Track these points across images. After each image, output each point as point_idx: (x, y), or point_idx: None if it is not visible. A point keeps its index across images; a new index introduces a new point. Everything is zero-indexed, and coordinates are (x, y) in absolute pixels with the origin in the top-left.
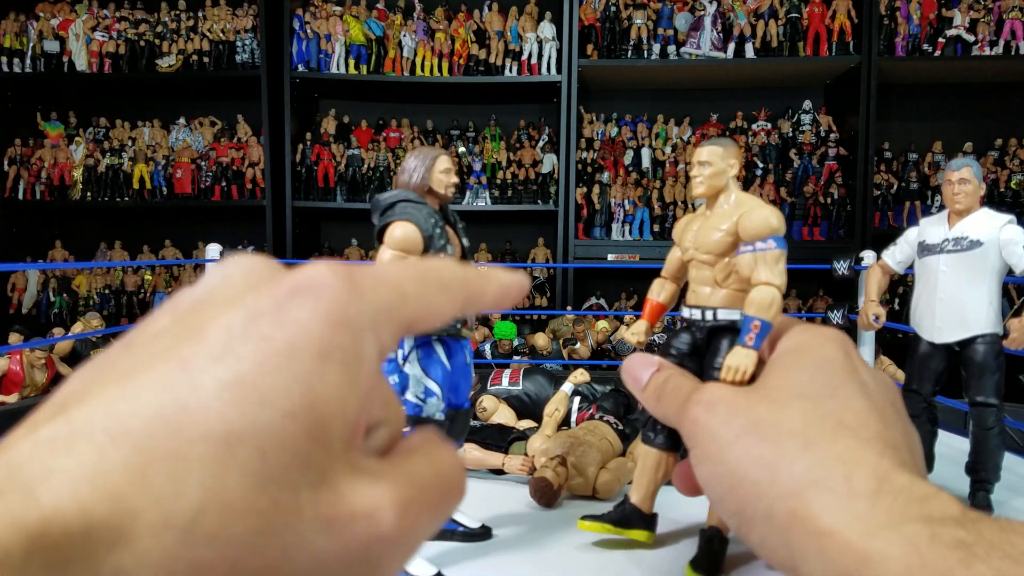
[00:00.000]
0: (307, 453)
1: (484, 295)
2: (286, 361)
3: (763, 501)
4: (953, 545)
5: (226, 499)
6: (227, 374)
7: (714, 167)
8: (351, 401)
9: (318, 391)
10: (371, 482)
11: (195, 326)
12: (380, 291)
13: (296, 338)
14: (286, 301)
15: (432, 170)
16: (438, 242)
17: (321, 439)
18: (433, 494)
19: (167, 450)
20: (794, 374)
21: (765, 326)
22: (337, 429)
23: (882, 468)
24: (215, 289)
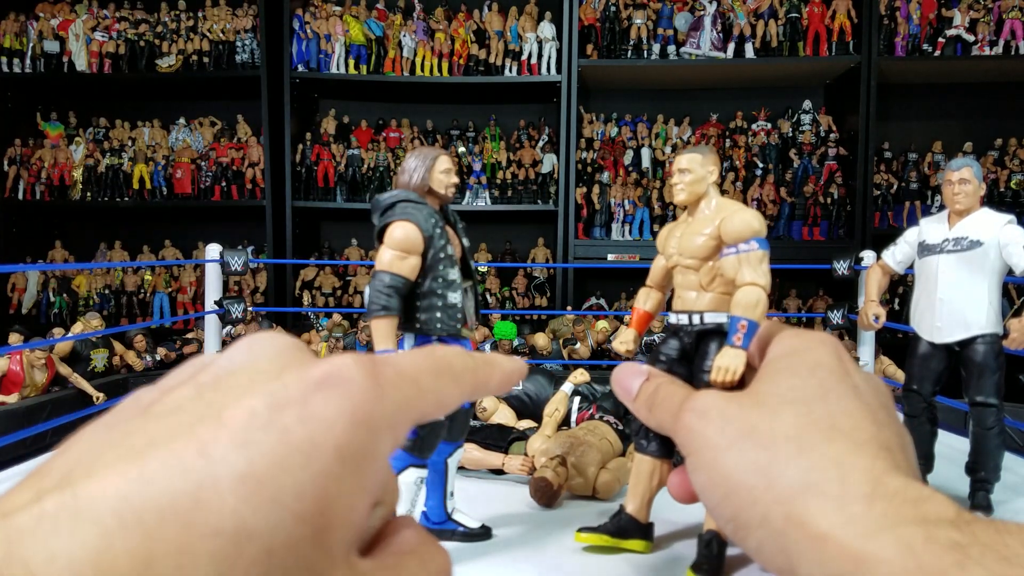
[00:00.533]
0: (311, 557)
1: (489, 382)
2: (305, 460)
3: (759, 506)
4: (948, 547)
5: None
6: (244, 466)
7: (694, 174)
8: (360, 505)
9: (331, 495)
10: None
11: (217, 405)
12: (401, 387)
13: (318, 436)
14: (312, 394)
15: (432, 170)
16: (438, 242)
17: (326, 544)
18: None
19: (176, 542)
20: (786, 379)
21: (752, 326)
22: (342, 534)
23: (876, 471)
24: (241, 366)
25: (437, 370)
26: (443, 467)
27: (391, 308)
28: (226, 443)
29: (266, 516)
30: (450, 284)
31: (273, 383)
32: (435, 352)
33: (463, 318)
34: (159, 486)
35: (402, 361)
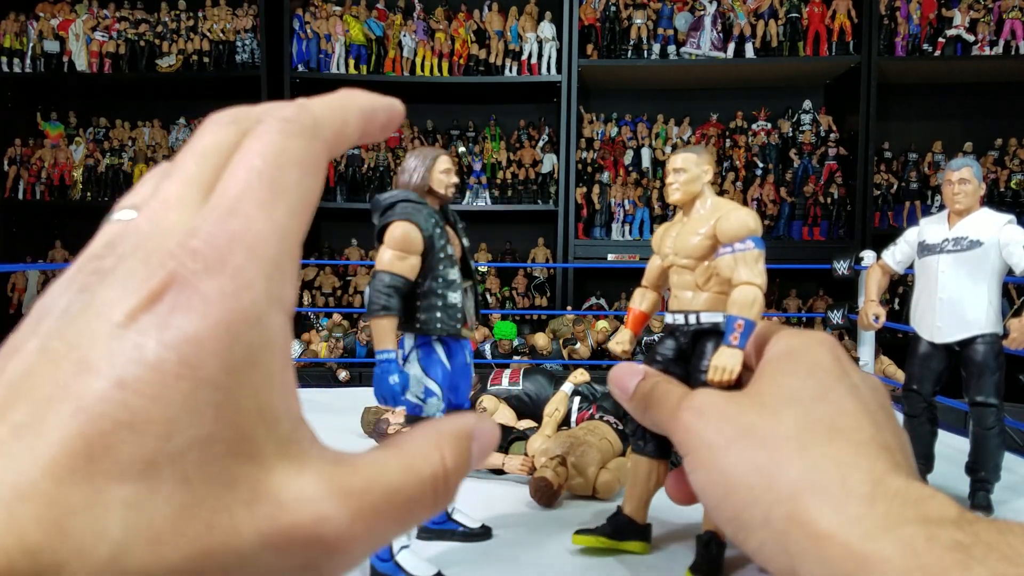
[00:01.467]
0: (234, 471)
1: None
2: (188, 385)
3: (759, 506)
4: (950, 547)
5: (154, 533)
6: (126, 413)
7: (689, 173)
8: (274, 398)
9: (230, 405)
10: (318, 488)
11: (73, 357)
12: (264, 250)
13: (189, 353)
14: (168, 313)
15: (432, 170)
16: (438, 242)
17: (246, 452)
18: (399, 503)
19: (82, 499)
20: (784, 379)
21: (749, 324)
22: (261, 438)
23: (877, 471)
24: (77, 301)
25: (274, 194)
26: None
27: (391, 308)
28: (97, 396)
29: (168, 450)
30: (450, 284)
31: (115, 308)
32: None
33: (463, 318)
34: (44, 450)
35: (245, 235)
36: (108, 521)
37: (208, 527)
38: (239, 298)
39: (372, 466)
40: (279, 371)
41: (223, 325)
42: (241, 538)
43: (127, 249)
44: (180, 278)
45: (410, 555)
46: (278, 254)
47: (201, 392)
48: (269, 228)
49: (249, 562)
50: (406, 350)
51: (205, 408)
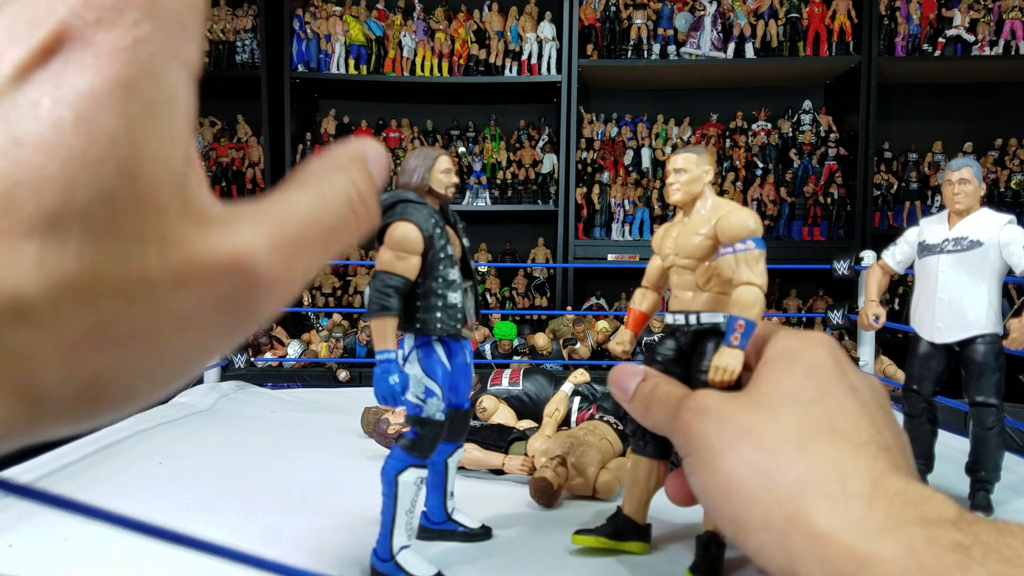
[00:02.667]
0: (140, 223)
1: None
2: (86, 140)
3: (759, 507)
4: (950, 548)
5: (70, 286)
6: (25, 170)
7: (690, 174)
8: (175, 152)
9: (130, 157)
10: (230, 231)
11: None
12: (165, 2)
13: (86, 108)
14: (62, 70)
15: (432, 170)
16: (438, 242)
17: (152, 205)
18: (315, 232)
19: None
20: (784, 380)
21: (750, 325)
22: (166, 190)
23: (876, 471)
24: None
25: None
26: (443, 467)
27: (391, 308)
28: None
29: (72, 204)
30: (450, 284)
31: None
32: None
33: (463, 318)
34: None
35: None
36: (21, 275)
37: (123, 277)
38: (137, 51)
39: (281, 204)
40: (181, 128)
41: (120, 81)
42: (156, 284)
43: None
44: (73, 30)
45: (410, 555)
46: (180, 8)
47: (100, 147)
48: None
49: (170, 306)
50: (406, 350)
51: (106, 162)
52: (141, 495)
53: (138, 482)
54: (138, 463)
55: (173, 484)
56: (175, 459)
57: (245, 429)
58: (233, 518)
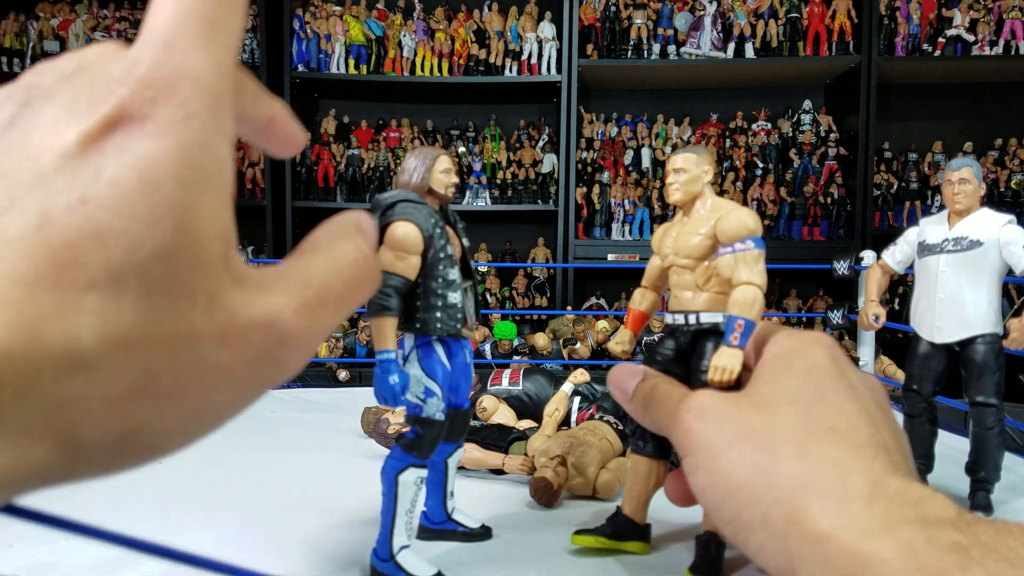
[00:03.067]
0: (192, 282)
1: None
2: (148, 201)
3: (759, 507)
4: (949, 548)
5: (124, 340)
6: (91, 226)
7: (689, 174)
8: (223, 216)
9: (187, 219)
10: (262, 293)
11: (26, 173)
12: (207, 82)
13: (148, 173)
14: (125, 139)
15: (432, 170)
16: (438, 242)
17: (202, 265)
18: (334, 292)
19: (53, 306)
20: (783, 380)
21: (749, 325)
22: (215, 251)
23: (875, 471)
24: (20, 116)
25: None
26: (443, 467)
27: (391, 308)
28: (63, 208)
29: (132, 262)
30: (450, 284)
31: (70, 129)
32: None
33: (463, 318)
34: (17, 261)
35: (187, 67)
36: (80, 327)
37: (172, 333)
38: (189, 124)
39: (301, 268)
40: (227, 193)
41: (178, 148)
42: (201, 342)
43: (69, 72)
44: (132, 105)
45: (410, 555)
46: (219, 88)
47: (161, 208)
48: (209, 61)
49: (211, 362)
50: (406, 350)
51: (165, 223)
52: (141, 495)
53: (138, 482)
54: None
55: (173, 484)
56: (175, 459)
57: (245, 429)
58: (233, 518)
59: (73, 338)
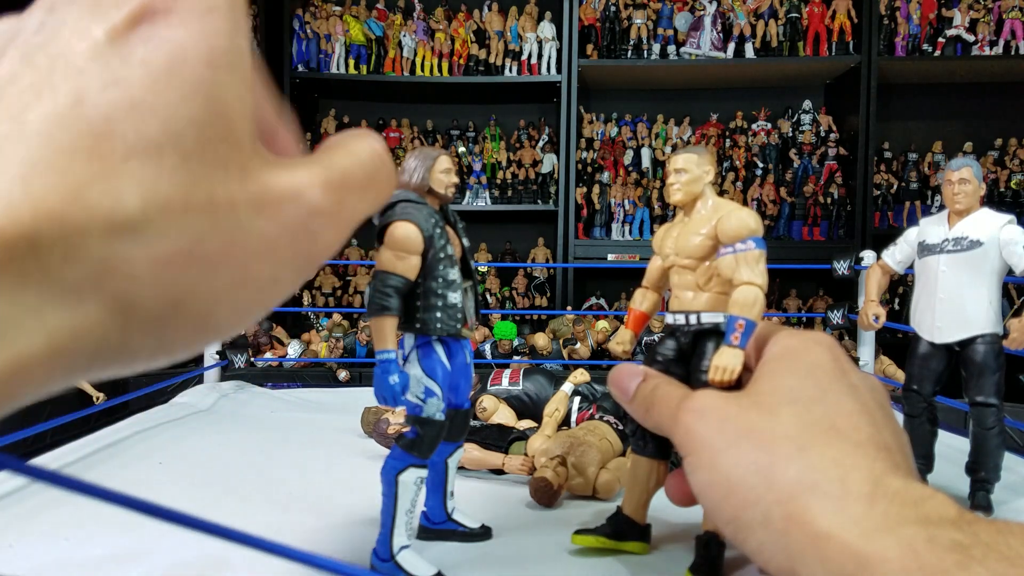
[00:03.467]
0: (224, 153)
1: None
2: (177, 79)
3: (759, 506)
4: (950, 547)
5: (165, 204)
6: (126, 100)
7: (690, 174)
8: (247, 101)
9: (215, 95)
10: (290, 170)
11: (60, 66)
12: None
13: (176, 53)
14: (150, 29)
15: (432, 170)
16: (438, 242)
17: (233, 139)
18: (356, 178)
19: (95, 172)
20: (784, 379)
21: (750, 325)
22: (244, 129)
23: (876, 471)
24: (49, 20)
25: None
26: (443, 467)
27: (391, 308)
28: (97, 87)
29: (167, 130)
30: (450, 284)
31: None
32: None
33: (463, 318)
34: (51, 131)
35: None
36: (123, 192)
37: (209, 199)
38: (211, 15)
39: (323, 158)
40: (250, 80)
41: (202, 34)
42: (237, 209)
43: None
44: (156, 1)
45: (410, 555)
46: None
47: (190, 84)
48: None
49: (249, 229)
50: (406, 350)
51: (195, 97)
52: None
53: (138, 482)
54: (138, 463)
55: (173, 484)
56: (175, 459)
57: (245, 429)
58: (233, 518)
59: (117, 201)
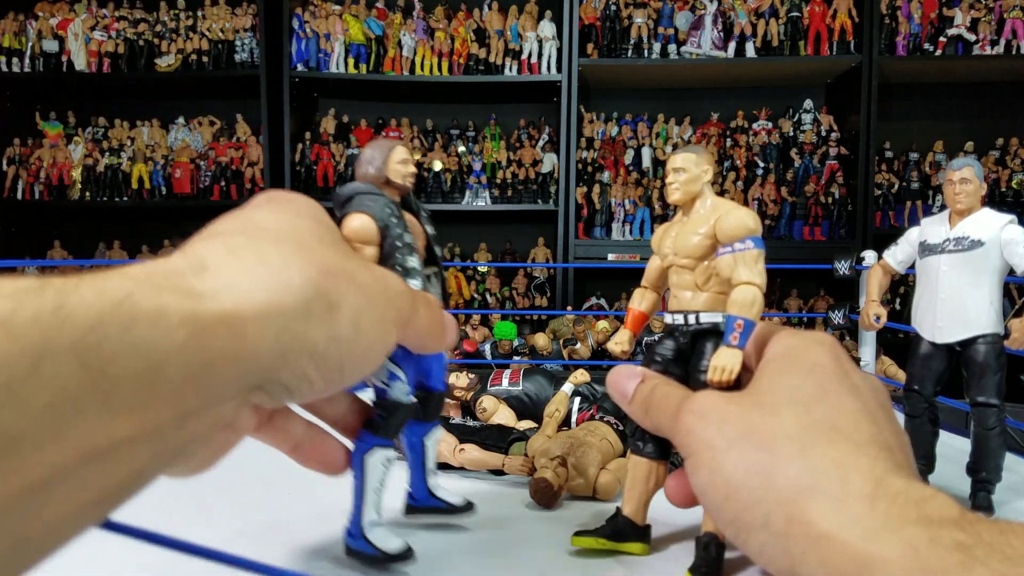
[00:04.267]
0: (401, 317)
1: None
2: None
3: (760, 507)
4: (952, 547)
5: (361, 306)
6: (392, 291)
7: (688, 173)
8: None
9: (407, 304)
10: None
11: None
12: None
13: (395, 284)
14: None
15: (388, 161)
16: (394, 231)
17: (401, 318)
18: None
19: (337, 272)
20: (785, 379)
21: (748, 325)
22: (400, 317)
23: (877, 471)
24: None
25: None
26: (421, 447)
27: None
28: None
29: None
30: (409, 271)
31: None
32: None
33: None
34: (277, 274)
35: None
36: (347, 293)
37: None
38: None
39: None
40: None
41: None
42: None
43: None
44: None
45: (380, 531)
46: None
47: (404, 298)
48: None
49: (376, 302)
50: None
51: (404, 300)
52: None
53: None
54: None
55: (173, 483)
56: None
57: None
58: (233, 516)
59: (345, 298)
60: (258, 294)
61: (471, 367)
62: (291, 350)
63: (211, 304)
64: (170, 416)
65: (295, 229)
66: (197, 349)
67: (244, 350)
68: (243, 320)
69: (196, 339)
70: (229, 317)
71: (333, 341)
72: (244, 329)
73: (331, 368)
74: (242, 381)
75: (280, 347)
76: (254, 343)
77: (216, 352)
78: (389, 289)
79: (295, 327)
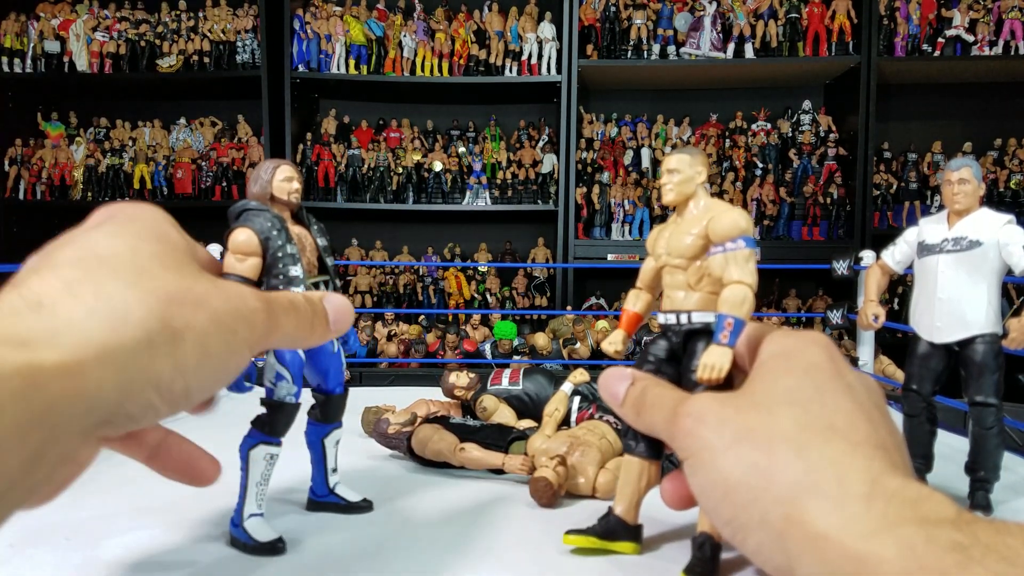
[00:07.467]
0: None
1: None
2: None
3: (758, 507)
4: (949, 547)
5: (204, 323)
6: (190, 295)
7: (683, 174)
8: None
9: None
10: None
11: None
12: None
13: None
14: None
15: (273, 179)
16: (275, 243)
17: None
18: (296, 313)
19: (178, 303)
20: (781, 379)
21: (738, 323)
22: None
23: (874, 471)
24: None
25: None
26: (321, 447)
27: None
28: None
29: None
30: (291, 280)
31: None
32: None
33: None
34: (100, 306)
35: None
36: (192, 319)
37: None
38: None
39: (270, 293)
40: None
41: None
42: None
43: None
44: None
45: (257, 522)
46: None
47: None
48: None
49: (225, 324)
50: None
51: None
52: (139, 493)
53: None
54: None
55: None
56: None
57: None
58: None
59: (191, 318)
60: (97, 334)
61: (471, 366)
62: (135, 383)
63: (47, 352)
64: (17, 462)
65: (135, 254)
66: (36, 395)
67: (86, 389)
68: (82, 364)
69: (32, 387)
70: (68, 363)
71: (178, 370)
72: (84, 371)
73: (176, 395)
74: (87, 419)
75: (124, 382)
76: (96, 383)
77: (57, 394)
78: (243, 307)
79: (138, 362)
